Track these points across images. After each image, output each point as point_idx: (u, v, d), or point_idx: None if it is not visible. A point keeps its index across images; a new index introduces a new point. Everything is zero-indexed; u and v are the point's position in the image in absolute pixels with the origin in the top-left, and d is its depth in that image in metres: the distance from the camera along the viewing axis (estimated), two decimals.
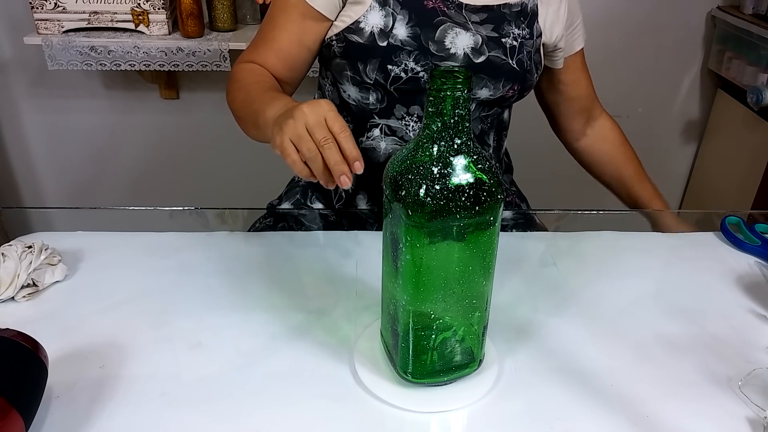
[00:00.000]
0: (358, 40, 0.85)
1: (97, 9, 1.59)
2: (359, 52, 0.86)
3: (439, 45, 0.86)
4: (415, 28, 0.85)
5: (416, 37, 0.85)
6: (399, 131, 0.91)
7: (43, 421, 0.57)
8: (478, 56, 0.87)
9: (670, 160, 2.08)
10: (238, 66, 0.91)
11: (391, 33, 0.85)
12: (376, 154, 0.92)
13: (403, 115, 0.90)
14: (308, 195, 1.05)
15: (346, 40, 0.87)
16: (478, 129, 0.94)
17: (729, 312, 0.75)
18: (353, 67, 0.88)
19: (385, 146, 0.91)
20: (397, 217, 0.55)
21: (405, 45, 0.85)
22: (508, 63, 0.89)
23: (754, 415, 0.60)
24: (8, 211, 0.99)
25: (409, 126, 0.90)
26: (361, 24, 0.85)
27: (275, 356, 0.66)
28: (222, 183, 2.01)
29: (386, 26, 0.85)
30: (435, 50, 0.86)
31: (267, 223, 1.02)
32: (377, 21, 0.85)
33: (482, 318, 0.61)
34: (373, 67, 0.86)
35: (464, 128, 0.53)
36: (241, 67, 0.90)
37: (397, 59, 0.85)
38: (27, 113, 1.93)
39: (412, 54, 0.85)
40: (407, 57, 0.85)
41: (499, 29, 0.89)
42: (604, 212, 1.05)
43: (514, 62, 0.89)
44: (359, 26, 0.85)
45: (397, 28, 0.85)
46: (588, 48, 1.04)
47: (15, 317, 0.71)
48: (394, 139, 0.91)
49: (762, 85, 1.63)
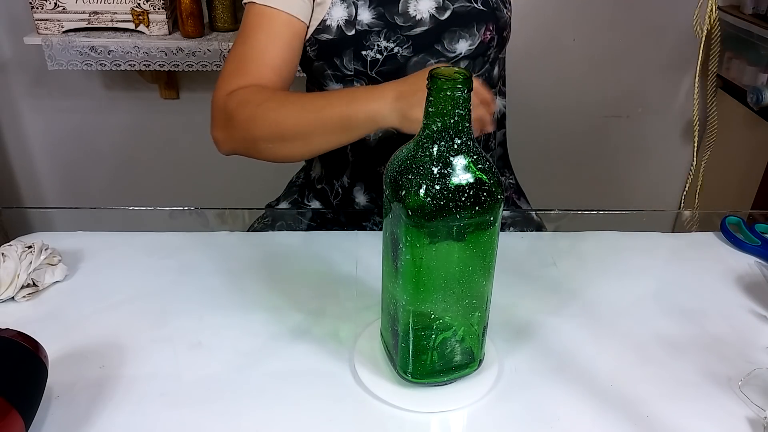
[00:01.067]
0: (328, 37, 0.87)
1: (97, 9, 1.59)
2: (332, 48, 0.87)
3: (404, 16, 0.87)
4: (378, 8, 0.86)
5: (381, 16, 0.86)
6: None
7: (43, 421, 0.57)
8: (443, 13, 0.88)
9: (670, 160, 2.08)
10: (230, 96, 0.80)
11: (357, 20, 0.86)
12: (367, 141, 0.92)
13: None
14: (306, 194, 1.05)
15: (318, 42, 0.88)
16: None
17: (729, 312, 0.75)
18: (331, 64, 0.89)
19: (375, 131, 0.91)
20: (397, 217, 0.55)
21: (372, 27, 0.86)
22: (474, 7, 0.89)
23: (754, 415, 0.60)
24: (8, 211, 0.99)
25: None
26: (327, 22, 0.86)
27: (275, 356, 0.66)
28: (222, 183, 2.01)
29: (350, 16, 0.86)
30: (402, 22, 0.87)
31: (266, 223, 1.02)
32: (341, 14, 0.86)
33: (482, 318, 0.61)
34: (349, 58, 0.87)
35: (464, 128, 0.53)
36: (241, 93, 0.80)
37: (368, 43, 0.86)
38: (27, 113, 1.93)
39: (382, 33, 0.86)
40: (377, 37, 0.86)
41: None
42: (604, 212, 1.05)
43: (480, 4, 0.89)
44: (326, 24, 0.86)
45: (361, 14, 0.86)
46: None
47: (15, 317, 0.71)
48: None
49: (762, 85, 1.63)
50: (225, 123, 0.81)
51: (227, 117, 0.80)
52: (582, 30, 1.77)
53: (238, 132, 0.80)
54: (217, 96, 0.82)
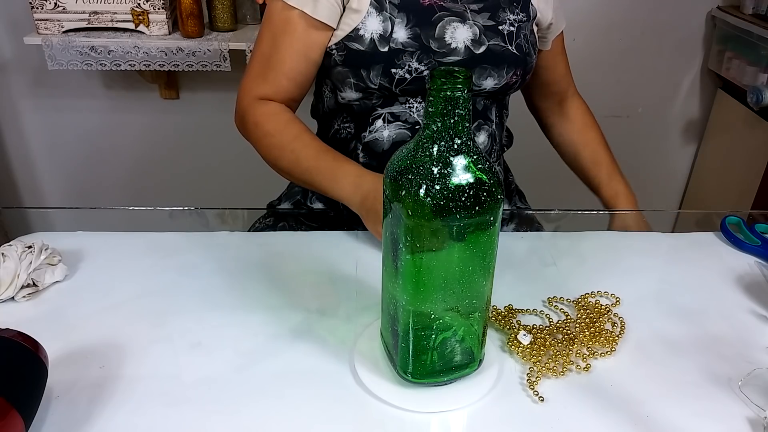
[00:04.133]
0: (359, 48, 0.85)
1: (97, 9, 1.59)
2: (361, 60, 0.86)
3: (440, 42, 0.86)
4: (414, 28, 0.85)
5: (416, 37, 0.85)
6: (402, 115, 0.91)
7: (43, 421, 0.57)
8: (478, 47, 0.88)
9: (670, 160, 2.08)
10: (255, 109, 0.90)
11: (392, 37, 0.85)
12: (380, 143, 0.92)
13: (407, 99, 0.90)
14: (308, 195, 1.05)
15: (347, 48, 0.86)
16: (481, 105, 0.94)
17: (729, 312, 0.75)
18: (356, 74, 0.87)
19: (389, 133, 0.91)
20: (397, 217, 0.55)
21: (407, 47, 0.85)
22: (508, 49, 0.89)
23: (754, 415, 0.60)
24: (8, 211, 0.99)
25: (413, 107, 0.90)
26: (360, 31, 0.85)
27: (275, 356, 0.66)
28: (222, 183, 2.01)
29: (385, 31, 0.85)
30: (436, 47, 0.86)
31: (267, 223, 1.02)
32: (376, 27, 0.85)
33: (482, 318, 0.61)
34: (377, 72, 0.86)
35: (464, 128, 0.53)
36: (262, 113, 0.89)
37: (400, 62, 0.85)
38: (27, 113, 1.93)
39: (415, 54, 0.85)
40: (410, 58, 0.85)
41: (495, 17, 0.89)
42: (604, 212, 1.05)
43: (514, 47, 0.90)
44: (359, 33, 0.85)
45: (397, 32, 0.85)
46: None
47: (15, 317, 0.71)
48: (398, 123, 0.91)
49: (762, 85, 1.63)
50: (243, 127, 0.93)
51: (246, 127, 0.92)
52: (582, 30, 1.77)
53: (251, 142, 0.93)
54: (242, 94, 0.92)
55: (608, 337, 0.69)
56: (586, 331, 0.69)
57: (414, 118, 0.90)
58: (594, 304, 0.74)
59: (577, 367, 0.65)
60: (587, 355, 0.67)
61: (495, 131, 0.97)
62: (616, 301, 0.76)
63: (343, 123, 0.96)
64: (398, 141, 0.91)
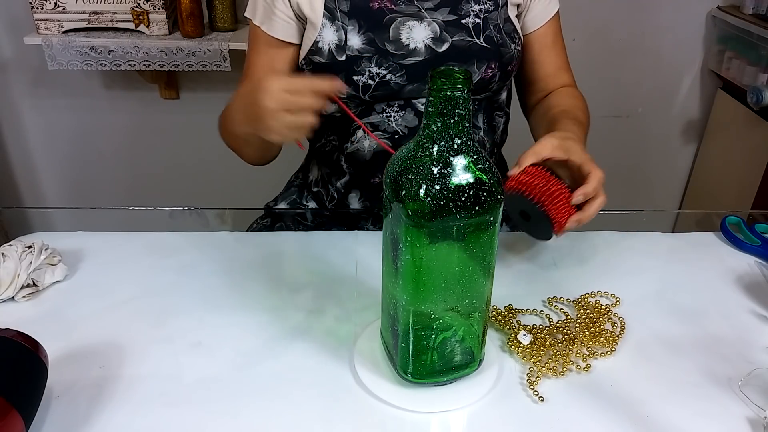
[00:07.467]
0: (321, 60, 0.86)
1: (97, 9, 1.59)
2: (325, 71, 0.87)
3: (396, 44, 0.85)
4: (367, 33, 0.85)
5: (371, 42, 0.85)
6: (381, 125, 0.90)
7: (43, 421, 0.57)
8: (440, 45, 0.86)
9: (670, 160, 2.08)
10: None
11: (347, 45, 0.85)
12: (362, 153, 0.92)
13: (384, 108, 0.89)
14: (304, 195, 1.05)
15: (312, 62, 0.88)
16: None
17: (729, 312, 0.75)
18: None
19: (369, 143, 0.91)
20: (397, 217, 0.55)
21: (363, 53, 0.85)
22: (476, 43, 0.86)
23: (754, 415, 0.60)
24: (8, 211, 0.99)
25: (390, 117, 0.90)
26: (319, 44, 0.86)
27: (275, 356, 0.66)
28: (222, 183, 2.01)
29: (340, 40, 0.85)
30: (394, 50, 0.85)
31: (264, 224, 1.02)
32: (331, 37, 0.85)
33: (482, 318, 0.61)
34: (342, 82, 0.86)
35: (464, 128, 0.53)
36: None
37: (360, 69, 0.85)
38: (27, 113, 1.93)
39: (373, 59, 0.85)
40: (369, 63, 0.85)
41: (457, 11, 0.86)
42: (604, 212, 1.05)
43: (482, 40, 0.86)
44: (318, 46, 0.86)
45: (351, 39, 0.85)
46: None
47: (15, 317, 0.71)
48: (378, 133, 0.90)
49: (762, 85, 1.63)
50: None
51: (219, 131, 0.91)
52: (582, 30, 1.77)
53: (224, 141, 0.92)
54: None
55: (608, 337, 0.69)
56: (586, 331, 0.69)
57: (393, 127, 0.90)
58: (594, 304, 0.74)
59: (577, 367, 0.65)
60: (587, 355, 0.67)
61: (483, 138, 0.95)
62: (616, 301, 0.76)
63: (327, 135, 0.96)
64: (379, 151, 0.91)
